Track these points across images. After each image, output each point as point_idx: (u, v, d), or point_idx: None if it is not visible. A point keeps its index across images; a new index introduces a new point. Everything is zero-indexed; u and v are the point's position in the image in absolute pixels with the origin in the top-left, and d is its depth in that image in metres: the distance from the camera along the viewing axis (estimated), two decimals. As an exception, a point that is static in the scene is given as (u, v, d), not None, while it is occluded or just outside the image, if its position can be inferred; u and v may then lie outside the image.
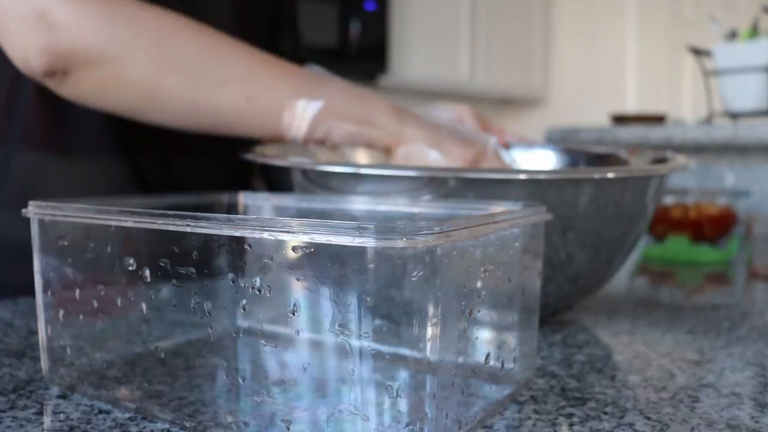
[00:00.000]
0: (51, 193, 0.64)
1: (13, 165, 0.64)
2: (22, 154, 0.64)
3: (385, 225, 0.29)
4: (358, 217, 0.48)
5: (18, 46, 0.55)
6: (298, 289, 0.39)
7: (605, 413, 0.37)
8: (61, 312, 0.40)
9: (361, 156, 0.68)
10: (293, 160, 0.56)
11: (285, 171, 0.57)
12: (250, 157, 0.59)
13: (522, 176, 0.49)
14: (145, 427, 0.34)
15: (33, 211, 0.39)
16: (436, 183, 0.49)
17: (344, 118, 0.56)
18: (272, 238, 0.34)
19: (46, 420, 0.35)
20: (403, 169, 0.51)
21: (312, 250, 0.34)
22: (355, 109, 0.56)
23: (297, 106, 0.55)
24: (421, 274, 0.30)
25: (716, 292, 0.79)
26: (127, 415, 0.36)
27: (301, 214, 0.50)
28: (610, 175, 0.51)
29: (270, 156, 0.58)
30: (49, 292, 0.40)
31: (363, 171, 0.50)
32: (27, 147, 0.64)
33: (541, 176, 0.49)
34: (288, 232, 0.32)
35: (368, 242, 0.29)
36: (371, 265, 0.32)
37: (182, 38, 0.55)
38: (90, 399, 0.38)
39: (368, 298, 0.35)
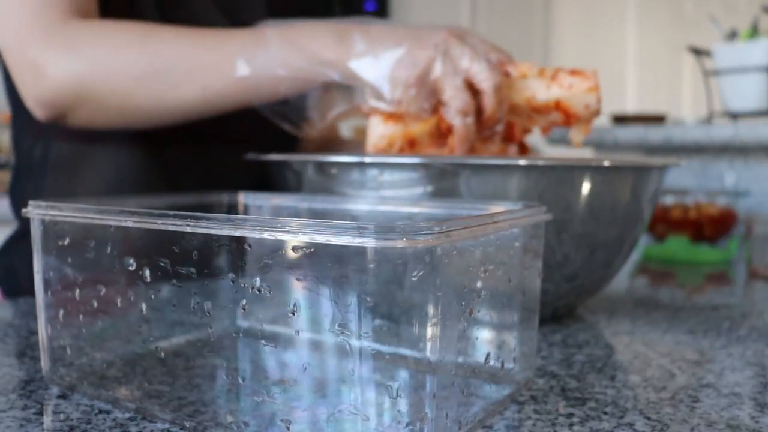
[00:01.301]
0: (85, 181, 0.69)
1: (52, 155, 0.69)
2: (59, 144, 0.69)
3: (385, 225, 0.29)
4: (359, 217, 0.48)
5: (24, 98, 0.61)
6: (298, 289, 0.39)
7: (605, 413, 0.37)
8: (61, 312, 0.40)
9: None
10: (295, 155, 0.57)
11: (290, 167, 0.57)
12: (251, 156, 0.59)
13: (521, 162, 0.50)
14: (145, 427, 0.34)
15: (33, 211, 0.39)
16: (433, 170, 0.50)
17: (288, 72, 0.58)
18: (272, 238, 0.34)
19: (46, 420, 0.35)
20: (404, 157, 0.52)
21: (312, 250, 0.34)
22: (295, 59, 0.57)
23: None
24: (421, 274, 0.30)
25: (716, 292, 0.79)
26: (127, 415, 0.36)
27: (301, 214, 0.50)
28: (606, 163, 0.52)
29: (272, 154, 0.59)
30: (49, 292, 0.40)
31: (366, 160, 0.52)
32: (63, 137, 0.68)
33: (539, 163, 0.50)
34: (288, 232, 0.32)
35: (368, 242, 0.29)
36: (371, 265, 0.32)
37: (133, 54, 0.59)
38: (90, 399, 0.38)
39: (368, 298, 0.35)
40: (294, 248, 0.38)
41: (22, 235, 0.73)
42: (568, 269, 0.53)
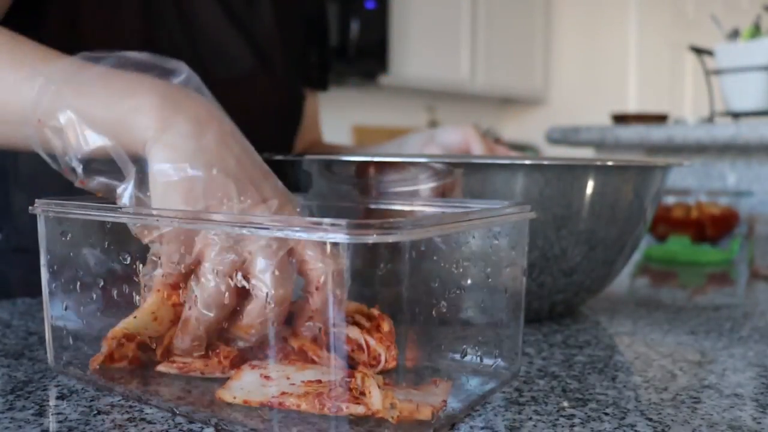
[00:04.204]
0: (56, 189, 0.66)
1: (21, 161, 0.66)
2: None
3: (359, 221, 0.29)
4: (357, 216, 0.48)
5: None
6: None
7: (606, 414, 0.37)
8: (66, 305, 0.41)
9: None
10: (307, 156, 0.57)
11: (300, 166, 0.57)
12: (265, 155, 0.60)
13: (525, 162, 0.50)
14: (144, 428, 0.34)
15: (39, 207, 0.40)
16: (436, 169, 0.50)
17: (91, 125, 0.41)
18: (249, 234, 0.34)
19: (45, 421, 0.35)
20: (406, 157, 0.52)
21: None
22: (105, 112, 0.41)
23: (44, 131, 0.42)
24: (400, 269, 0.30)
25: (718, 292, 0.79)
26: (126, 415, 0.36)
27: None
28: (609, 162, 0.52)
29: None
30: (54, 286, 0.40)
31: (368, 160, 0.52)
32: None
33: (543, 162, 0.50)
34: (264, 228, 0.32)
35: (340, 238, 0.29)
36: (347, 261, 0.32)
37: None
38: (89, 400, 0.38)
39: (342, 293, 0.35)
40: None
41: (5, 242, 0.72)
42: (565, 264, 0.53)
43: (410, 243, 0.30)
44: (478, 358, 0.38)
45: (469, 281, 0.37)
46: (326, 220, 0.29)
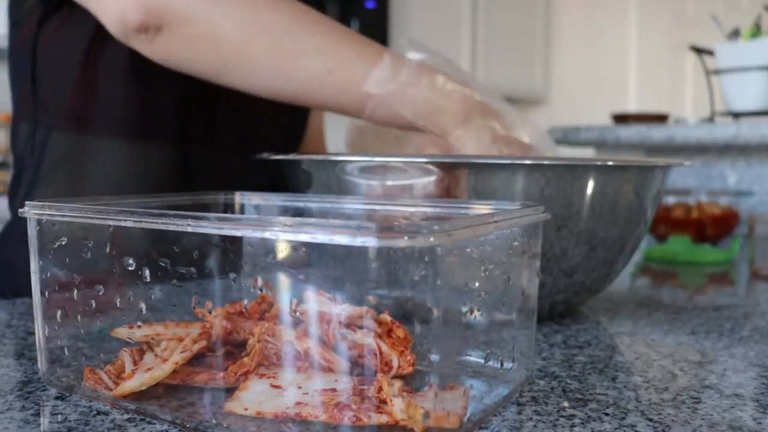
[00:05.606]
0: (85, 175, 0.67)
1: (51, 144, 0.67)
2: (59, 133, 0.67)
3: (386, 225, 0.29)
4: (356, 216, 0.48)
5: (115, 2, 0.57)
6: (298, 289, 0.38)
7: (606, 414, 0.37)
8: (59, 312, 0.40)
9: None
10: (308, 155, 0.56)
11: (299, 167, 0.57)
12: (264, 156, 0.59)
13: (526, 161, 0.50)
14: (144, 428, 0.34)
15: (31, 210, 0.39)
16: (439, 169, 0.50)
17: (412, 103, 0.56)
18: (273, 237, 0.33)
19: (44, 421, 0.35)
20: (409, 157, 0.52)
21: (313, 250, 0.34)
22: (424, 97, 0.56)
23: (372, 92, 0.56)
24: (422, 273, 0.30)
25: (718, 292, 0.79)
26: (126, 416, 0.36)
27: (298, 213, 0.50)
28: (610, 162, 0.52)
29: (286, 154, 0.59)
30: (47, 293, 0.40)
31: (372, 160, 0.52)
32: (63, 127, 0.67)
33: (544, 162, 0.50)
34: (289, 231, 0.32)
35: (370, 241, 0.29)
36: (373, 265, 0.32)
37: (272, 4, 0.57)
38: (88, 400, 0.38)
39: (369, 297, 0.35)
40: (295, 248, 0.38)
41: (17, 231, 0.72)
42: (566, 263, 0.53)
43: (439, 246, 0.29)
44: (499, 363, 0.38)
45: (490, 284, 0.37)
46: (353, 223, 0.29)
